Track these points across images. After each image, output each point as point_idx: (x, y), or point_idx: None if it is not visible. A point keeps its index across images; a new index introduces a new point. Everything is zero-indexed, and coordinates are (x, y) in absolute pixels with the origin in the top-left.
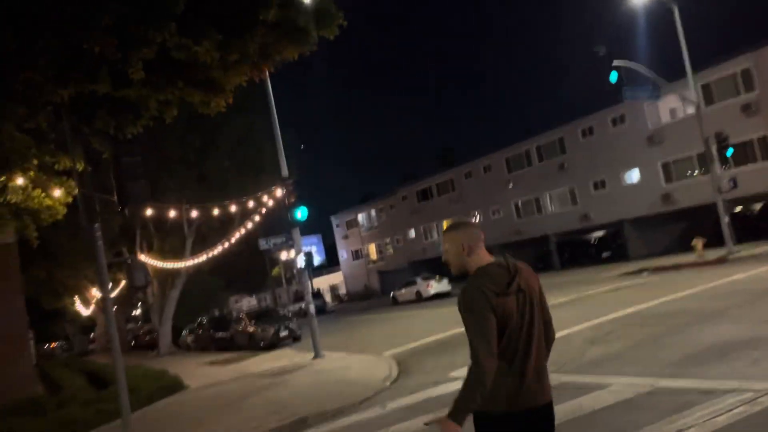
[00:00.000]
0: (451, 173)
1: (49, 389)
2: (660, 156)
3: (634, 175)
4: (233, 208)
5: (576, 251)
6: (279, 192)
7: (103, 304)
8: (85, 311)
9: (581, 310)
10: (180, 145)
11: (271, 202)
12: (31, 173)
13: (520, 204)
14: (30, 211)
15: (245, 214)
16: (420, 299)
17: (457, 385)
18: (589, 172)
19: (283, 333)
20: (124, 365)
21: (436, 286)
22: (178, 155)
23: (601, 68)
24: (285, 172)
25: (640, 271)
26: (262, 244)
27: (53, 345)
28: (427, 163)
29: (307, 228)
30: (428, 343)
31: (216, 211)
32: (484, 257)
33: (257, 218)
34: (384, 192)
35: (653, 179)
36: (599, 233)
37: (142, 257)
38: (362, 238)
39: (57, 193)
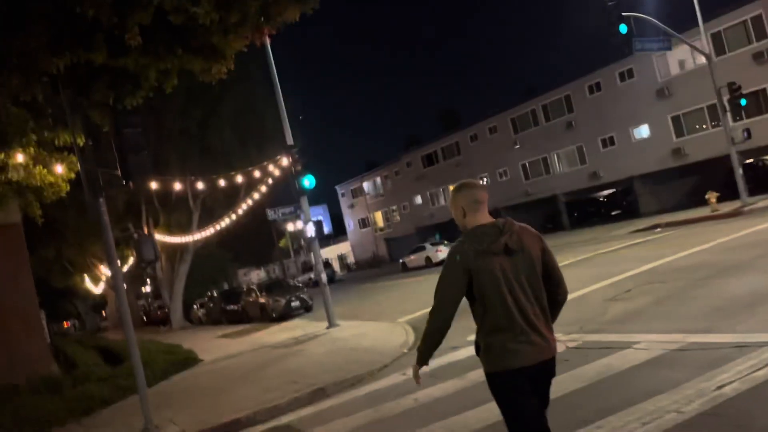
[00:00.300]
0: (456, 136)
1: (63, 367)
2: (670, 109)
3: (643, 131)
4: (239, 179)
5: (585, 210)
6: (284, 161)
7: (112, 280)
8: (95, 289)
9: (596, 268)
10: (181, 118)
11: (277, 172)
12: (31, 150)
13: (527, 165)
14: (32, 189)
15: (251, 185)
16: (430, 264)
17: (473, 350)
18: (597, 129)
19: (295, 303)
20: (137, 341)
21: (446, 250)
22: (179, 128)
23: (608, 21)
24: (290, 140)
25: (653, 227)
26: (270, 214)
27: (66, 324)
28: (430, 127)
29: (313, 199)
30: None
31: (221, 182)
32: (480, 218)
33: (263, 189)
34: (389, 159)
35: (663, 134)
36: (608, 191)
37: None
38: (368, 206)
39: (59, 169)
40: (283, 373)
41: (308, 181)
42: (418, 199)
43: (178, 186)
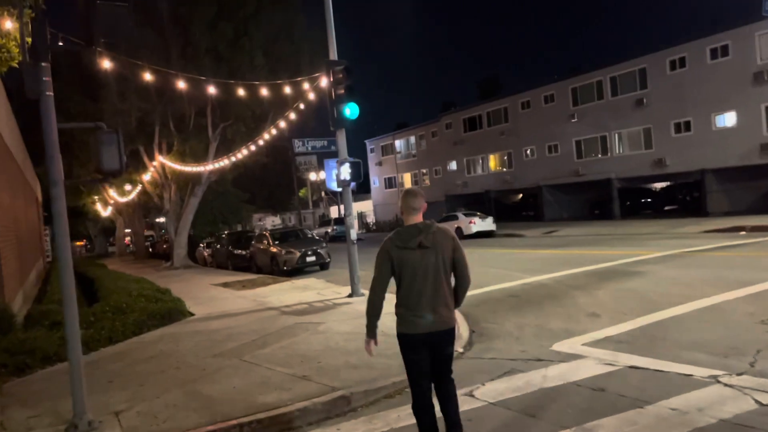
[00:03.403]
0: (505, 101)
1: (40, 294)
2: (765, 98)
3: (728, 119)
4: (263, 92)
5: (637, 200)
6: (324, 81)
7: (51, 190)
8: (103, 212)
9: (703, 271)
10: (209, 34)
11: (311, 96)
12: None
13: (582, 142)
14: None
15: (278, 111)
16: (460, 236)
17: (575, 370)
18: (673, 111)
19: (310, 258)
20: (123, 277)
21: (480, 223)
22: (206, 44)
23: None
24: (334, 54)
25: (735, 229)
26: (297, 145)
27: (79, 243)
28: (468, 96)
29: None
30: (493, 292)
31: (242, 92)
32: (411, 219)
33: (292, 116)
34: (421, 120)
35: (752, 125)
36: (664, 183)
37: (160, 158)
38: (397, 165)
39: (8, 24)
40: (290, 358)
41: (350, 110)
42: (453, 165)
43: (182, 85)
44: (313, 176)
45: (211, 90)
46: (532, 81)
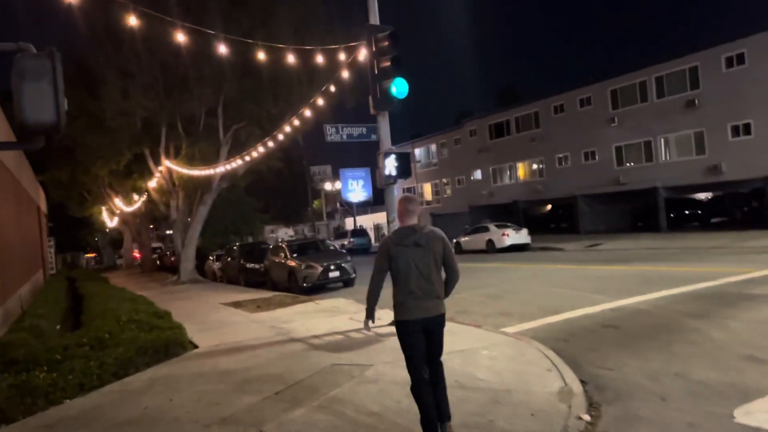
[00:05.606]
0: (535, 105)
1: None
2: None
3: None
4: (291, 59)
5: (681, 212)
6: (363, 53)
7: None
8: (109, 222)
9: None
10: (221, 24)
11: (345, 74)
12: None
13: (623, 148)
14: None
15: (296, 108)
16: (491, 249)
17: None
18: (729, 112)
19: (333, 273)
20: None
21: (514, 236)
22: (218, 37)
23: None
24: (375, 18)
25: None
26: (330, 132)
27: (89, 255)
28: (484, 106)
29: (355, 159)
30: (577, 319)
31: (262, 56)
32: (407, 221)
33: (319, 100)
34: (438, 129)
35: None
36: (708, 194)
37: (167, 163)
38: (417, 175)
39: None
40: (336, 430)
41: (397, 87)
42: (478, 174)
43: (183, 38)
44: (327, 186)
45: (224, 51)
46: (555, 88)
